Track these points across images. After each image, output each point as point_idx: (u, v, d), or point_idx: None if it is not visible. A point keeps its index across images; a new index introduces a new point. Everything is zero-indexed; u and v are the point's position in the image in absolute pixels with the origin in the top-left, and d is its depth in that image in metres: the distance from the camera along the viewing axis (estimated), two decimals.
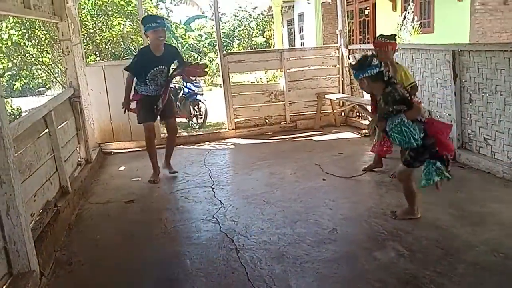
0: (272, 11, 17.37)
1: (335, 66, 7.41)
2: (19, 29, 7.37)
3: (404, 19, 9.50)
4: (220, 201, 4.07)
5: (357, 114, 7.25)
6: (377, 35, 4.58)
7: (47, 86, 10.95)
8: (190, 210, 3.93)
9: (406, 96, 3.08)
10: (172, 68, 4.92)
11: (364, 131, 6.55)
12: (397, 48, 4.34)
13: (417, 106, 3.13)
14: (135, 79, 4.67)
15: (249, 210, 3.79)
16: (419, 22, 9.53)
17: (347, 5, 13.43)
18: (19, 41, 7.49)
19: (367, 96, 6.77)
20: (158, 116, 4.94)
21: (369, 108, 6.46)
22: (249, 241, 3.18)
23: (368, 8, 13.37)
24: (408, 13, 9.42)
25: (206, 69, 4.98)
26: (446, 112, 4.93)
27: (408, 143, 3.03)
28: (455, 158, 4.68)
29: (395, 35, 4.42)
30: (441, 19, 10.00)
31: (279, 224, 3.43)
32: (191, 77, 5.22)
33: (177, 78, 11.31)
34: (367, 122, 6.69)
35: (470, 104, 4.56)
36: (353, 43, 13.52)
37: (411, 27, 9.29)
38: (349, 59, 7.23)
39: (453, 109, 4.75)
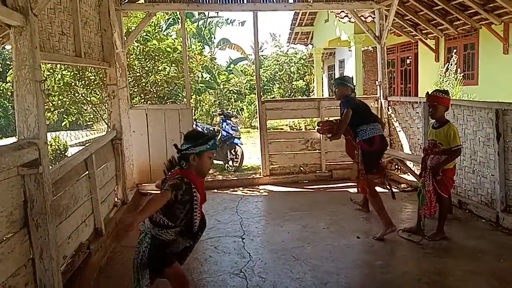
0: (312, 57, 17.63)
1: None
2: (71, 71, 7.83)
3: (446, 70, 9.35)
4: (249, 253, 4.00)
5: (396, 167, 7.06)
6: (431, 90, 4.24)
7: (93, 124, 11.47)
8: (218, 261, 3.88)
9: None
10: None
11: (402, 185, 6.35)
12: (449, 104, 4.17)
13: None
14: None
15: (278, 266, 3.70)
16: (462, 74, 9.35)
17: (389, 54, 13.47)
18: (70, 81, 7.94)
19: (407, 150, 6.64)
20: None
21: (408, 163, 6.35)
22: None
23: (410, 57, 13.31)
24: (451, 64, 9.28)
25: None
26: (489, 172, 4.71)
27: None
28: (498, 222, 4.42)
29: (447, 91, 4.28)
30: (485, 71, 9.78)
31: (308, 285, 3.31)
32: None
33: (217, 119, 11.45)
34: (406, 176, 6.49)
35: None
36: (394, 93, 13.42)
37: (454, 79, 9.12)
38: (389, 110, 7.14)
39: (496, 169, 4.54)
